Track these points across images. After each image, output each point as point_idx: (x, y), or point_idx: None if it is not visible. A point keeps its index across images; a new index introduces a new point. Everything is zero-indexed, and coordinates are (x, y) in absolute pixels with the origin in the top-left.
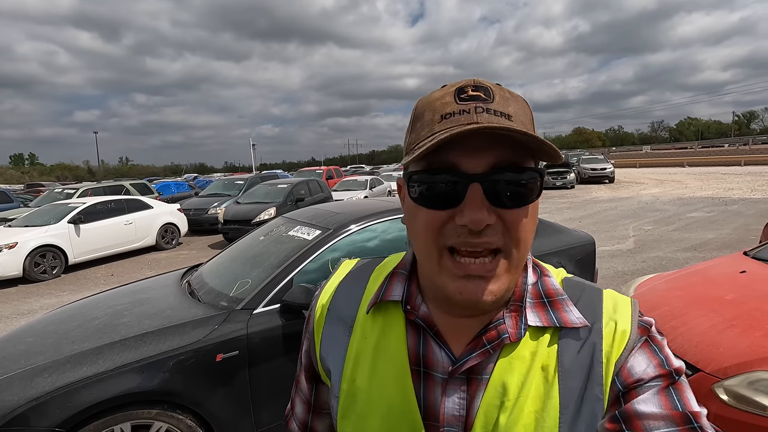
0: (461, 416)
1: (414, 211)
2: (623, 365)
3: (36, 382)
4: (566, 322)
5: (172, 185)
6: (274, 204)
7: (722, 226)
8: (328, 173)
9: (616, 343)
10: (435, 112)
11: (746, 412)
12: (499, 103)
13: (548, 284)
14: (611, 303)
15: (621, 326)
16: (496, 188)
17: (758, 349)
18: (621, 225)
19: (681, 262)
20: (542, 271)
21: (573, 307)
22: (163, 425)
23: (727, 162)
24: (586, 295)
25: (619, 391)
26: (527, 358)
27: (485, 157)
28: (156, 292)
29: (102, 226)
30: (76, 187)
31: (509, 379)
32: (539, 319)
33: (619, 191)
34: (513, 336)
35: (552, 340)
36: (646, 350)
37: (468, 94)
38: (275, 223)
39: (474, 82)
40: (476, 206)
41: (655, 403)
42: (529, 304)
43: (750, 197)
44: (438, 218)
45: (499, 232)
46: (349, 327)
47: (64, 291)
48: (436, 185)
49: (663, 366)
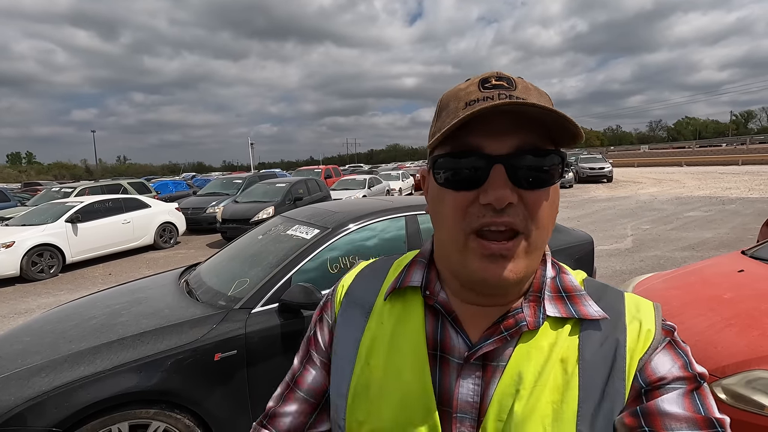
0: (475, 402)
1: (440, 195)
2: (647, 363)
3: (33, 382)
4: (585, 314)
5: (170, 184)
6: (273, 203)
7: (720, 225)
8: (327, 172)
9: (641, 341)
10: (460, 101)
11: (745, 411)
12: (522, 91)
13: (566, 280)
14: (634, 304)
15: (646, 326)
16: (518, 170)
17: (756, 348)
18: (619, 224)
19: (679, 261)
20: (560, 268)
21: (592, 302)
22: (161, 425)
23: (724, 161)
24: (609, 294)
25: (641, 388)
26: (545, 348)
27: (507, 140)
28: (154, 292)
29: (99, 225)
30: (73, 186)
31: (526, 367)
32: (558, 310)
33: (618, 190)
34: (531, 324)
35: (573, 332)
36: (671, 351)
37: (491, 83)
38: (273, 222)
39: (497, 74)
40: (500, 185)
41: (679, 404)
42: (547, 297)
43: (747, 196)
44: (464, 199)
45: (521, 213)
46: (366, 312)
47: (61, 290)
48: (461, 167)
49: (687, 368)
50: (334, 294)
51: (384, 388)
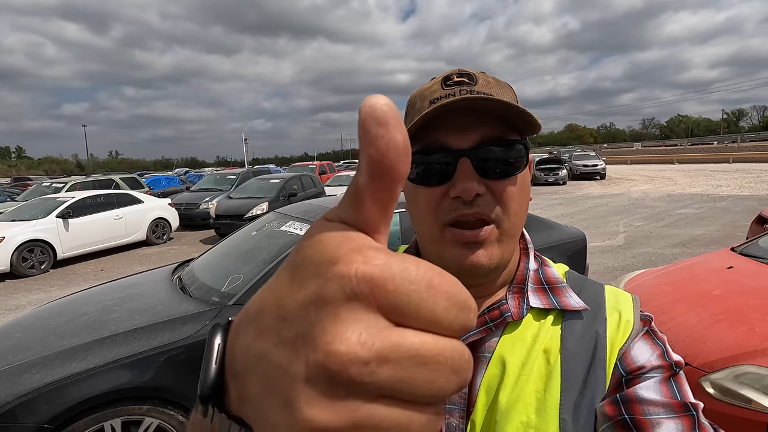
0: (463, 393)
1: (414, 192)
2: (626, 351)
3: (24, 379)
4: (566, 305)
5: (162, 179)
6: (267, 199)
7: (710, 222)
8: (321, 168)
9: (620, 331)
10: (425, 100)
11: (732, 405)
12: (482, 86)
13: (549, 273)
14: (613, 296)
15: (625, 316)
16: (483, 161)
17: (744, 343)
18: (612, 221)
19: (670, 258)
20: (543, 261)
21: (573, 294)
22: (154, 421)
23: (716, 159)
24: (588, 287)
25: (621, 377)
26: (529, 339)
27: (470, 134)
28: (146, 288)
29: (91, 221)
30: (64, 181)
31: (510, 358)
32: (540, 301)
33: (610, 188)
34: (515, 315)
35: (555, 323)
36: (649, 340)
37: (453, 80)
38: (268, 219)
39: (459, 71)
40: (466, 178)
41: (657, 390)
42: (530, 288)
43: (738, 194)
44: (435, 195)
45: (490, 202)
46: None
47: (52, 286)
48: (430, 163)
49: (665, 357)
50: None
51: None
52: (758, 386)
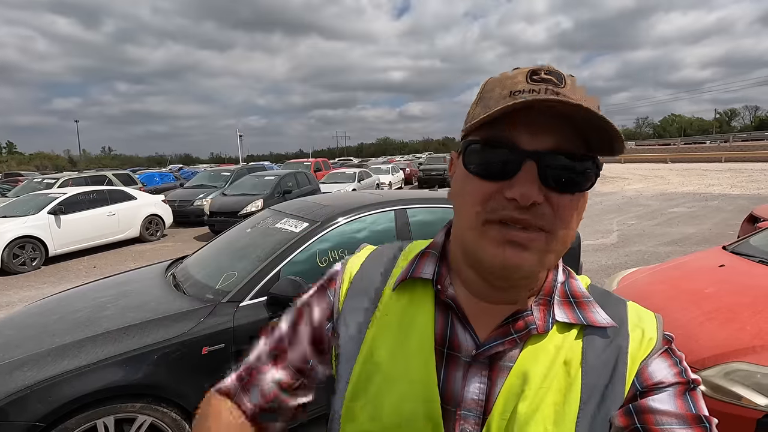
0: (480, 401)
1: (465, 181)
2: (644, 367)
3: (15, 376)
4: (593, 321)
5: (156, 176)
6: (261, 196)
7: (703, 221)
8: (316, 165)
9: (642, 348)
10: (504, 89)
11: (722, 402)
12: (570, 90)
13: (575, 286)
14: (635, 313)
15: (648, 334)
16: (550, 169)
17: (734, 341)
18: (605, 219)
19: (663, 256)
20: (570, 273)
21: (599, 309)
22: (148, 419)
23: (708, 158)
24: (612, 302)
25: (636, 391)
26: (551, 351)
27: (544, 137)
28: (140, 285)
29: (84, 218)
30: (56, 177)
31: (532, 369)
32: (566, 316)
33: (605, 186)
34: (540, 328)
35: (578, 337)
36: (668, 359)
37: (540, 76)
38: (262, 216)
39: (548, 67)
40: (528, 182)
41: (671, 403)
42: (557, 301)
43: (729, 193)
44: (488, 189)
45: (546, 215)
46: (373, 302)
47: (44, 283)
48: (493, 157)
49: (682, 375)
50: (340, 279)
51: (388, 381)
52: (748, 383)
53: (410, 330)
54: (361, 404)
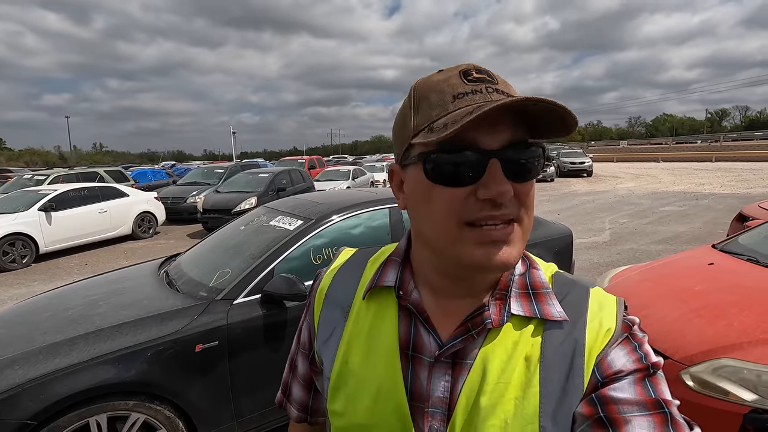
0: (445, 398)
1: (428, 190)
2: (603, 357)
3: (6, 375)
4: (547, 315)
5: (148, 173)
6: (255, 193)
7: (693, 220)
8: (311, 163)
9: (599, 339)
10: (444, 93)
11: (710, 397)
12: (503, 85)
13: (535, 277)
14: (597, 302)
15: (606, 324)
16: (511, 163)
17: (722, 337)
18: (598, 218)
19: (654, 254)
20: (531, 263)
21: (555, 301)
22: (141, 416)
23: (699, 158)
24: (574, 292)
25: (597, 382)
26: (509, 346)
27: (500, 134)
28: (133, 282)
29: (75, 214)
30: (46, 174)
31: (490, 364)
32: (522, 309)
33: (597, 185)
34: (495, 322)
35: (536, 331)
36: (627, 346)
37: (474, 76)
38: (256, 213)
39: (475, 66)
40: (500, 180)
41: (630, 390)
42: (514, 294)
43: (719, 192)
44: (459, 194)
45: (515, 203)
46: (345, 313)
47: (35, 281)
48: (457, 162)
49: (641, 361)
50: (314, 295)
51: (360, 384)
52: (735, 378)
53: (378, 336)
54: (339, 407)
